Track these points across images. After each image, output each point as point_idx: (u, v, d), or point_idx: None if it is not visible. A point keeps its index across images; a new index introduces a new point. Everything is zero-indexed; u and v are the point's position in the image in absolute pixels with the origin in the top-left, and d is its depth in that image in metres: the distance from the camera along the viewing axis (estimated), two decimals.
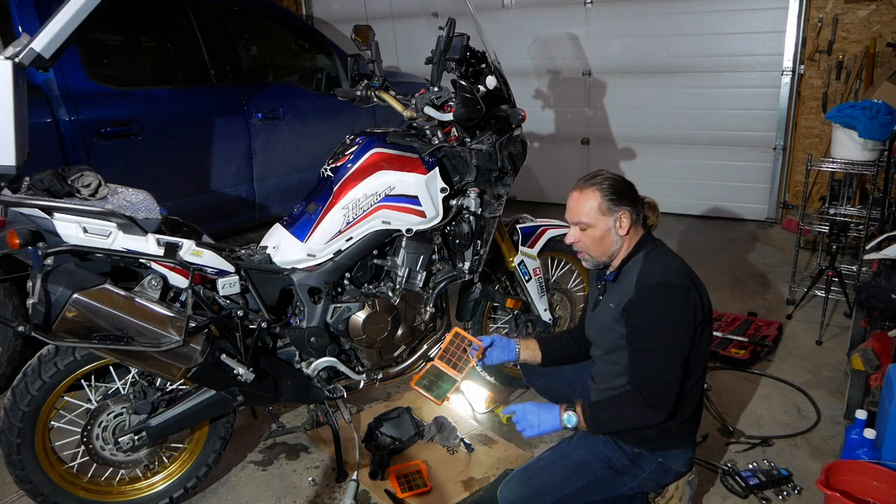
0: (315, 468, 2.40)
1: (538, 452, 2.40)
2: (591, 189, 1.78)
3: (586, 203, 1.78)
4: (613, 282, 1.84)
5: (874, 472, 1.96)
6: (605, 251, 1.82)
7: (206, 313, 1.92)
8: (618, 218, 1.78)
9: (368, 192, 2.14)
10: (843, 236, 3.42)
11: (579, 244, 1.83)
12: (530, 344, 2.11)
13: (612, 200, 1.77)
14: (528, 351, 2.09)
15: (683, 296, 1.70)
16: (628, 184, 1.82)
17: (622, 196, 1.78)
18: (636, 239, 1.83)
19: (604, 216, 1.78)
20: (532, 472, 1.87)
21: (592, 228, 1.79)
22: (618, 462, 1.82)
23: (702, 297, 1.76)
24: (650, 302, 1.71)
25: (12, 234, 1.68)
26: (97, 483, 2.11)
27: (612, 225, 1.78)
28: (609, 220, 1.78)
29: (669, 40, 5.08)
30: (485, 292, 2.60)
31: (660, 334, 1.70)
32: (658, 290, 1.71)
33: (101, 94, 3.11)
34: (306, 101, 4.01)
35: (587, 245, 1.82)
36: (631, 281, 1.76)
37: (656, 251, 1.82)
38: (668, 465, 1.84)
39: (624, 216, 1.78)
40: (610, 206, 1.77)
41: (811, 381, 2.88)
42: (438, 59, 2.17)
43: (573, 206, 1.81)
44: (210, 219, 3.53)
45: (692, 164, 5.26)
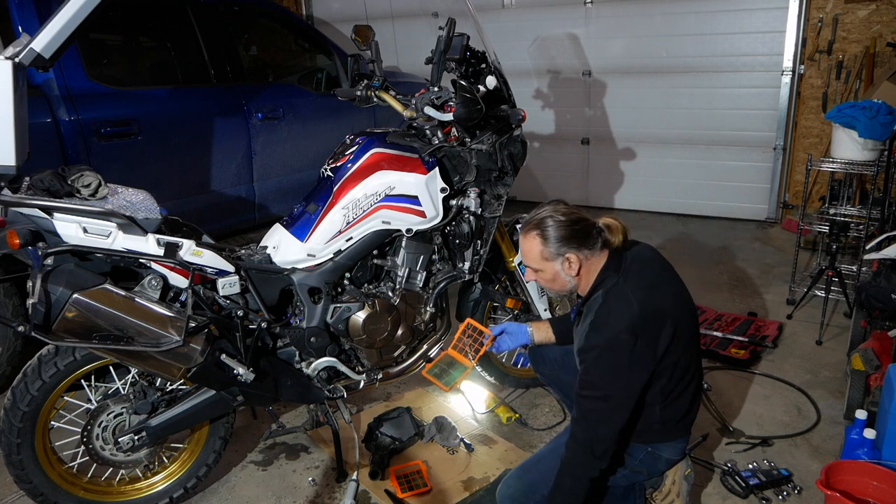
0: (315, 468, 2.40)
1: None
2: (532, 235, 1.76)
3: (530, 249, 1.77)
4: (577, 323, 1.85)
5: (874, 472, 1.96)
6: (560, 288, 1.82)
7: (206, 313, 1.92)
8: (564, 261, 1.75)
9: (368, 192, 2.14)
10: (843, 236, 3.42)
11: (536, 282, 1.87)
12: (542, 326, 2.16)
13: (554, 246, 1.73)
14: (541, 333, 2.15)
15: (628, 352, 1.65)
16: (574, 222, 1.74)
17: (566, 240, 1.73)
18: (597, 270, 1.77)
19: (548, 261, 1.76)
20: (528, 465, 1.89)
21: (542, 272, 1.79)
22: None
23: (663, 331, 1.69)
24: (593, 355, 1.69)
25: (12, 234, 1.68)
26: (97, 483, 2.11)
27: (560, 268, 1.76)
28: (555, 264, 1.76)
29: (669, 40, 5.08)
30: (485, 292, 2.60)
31: (599, 388, 1.68)
32: (602, 346, 1.67)
33: (101, 94, 3.12)
34: (306, 101, 4.02)
35: (543, 284, 1.84)
36: (586, 325, 1.74)
37: (616, 288, 1.73)
38: (658, 453, 1.86)
39: (570, 259, 1.74)
40: (553, 253, 1.74)
41: (811, 381, 2.88)
42: (438, 59, 2.17)
43: (521, 249, 1.83)
44: (210, 219, 3.53)
45: (692, 164, 5.26)
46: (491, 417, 2.66)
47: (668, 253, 4.47)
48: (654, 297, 1.71)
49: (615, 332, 1.66)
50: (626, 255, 1.79)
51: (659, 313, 1.69)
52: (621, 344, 1.65)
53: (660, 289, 1.75)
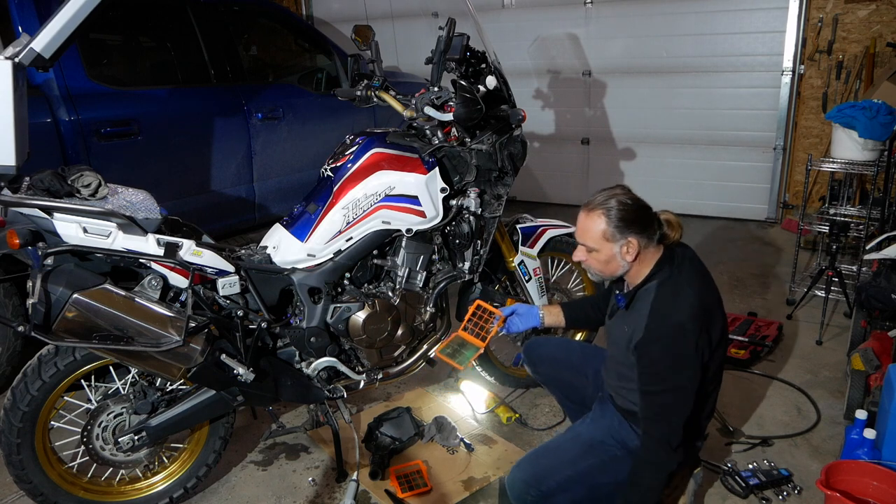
0: (315, 468, 2.40)
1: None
2: (597, 213, 1.73)
3: (592, 227, 1.74)
4: (626, 309, 1.82)
5: (874, 472, 1.96)
6: (611, 272, 1.80)
7: (206, 313, 1.92)
8: (624, 244, 1.73)
9: (368, 192, 2.14)
10: (843, 236, 3.42)
11: (585, 263, 1.82)
12: (553, 310, 2.16)
13: (618, 228, 1.72)
14: (551, 316, 2.14)
15: (694, 341, 1.67)
16: (640, 208, 1.75)
17: (630, 223, 1.72)
18: (651, 263, 1.78)
19: (608, 242, 1.73)
20: (543, 451, 1.87)
21: (597, 252, 1.76)
22: (632, 443, 1.84)
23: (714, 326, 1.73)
24: (659, 346, 1.68)
25: (12, 234, 1.68)
26: (97, 483, 2.11)
27: (618, 251, 1.74)
28: (614, 245, 1.73)
29: (669, 40, 5.08)
30: (485, 292, 2.60)
31: (668, 380, 1.69)
32: (667, 336, 1.68)
33: (101, 94, 3.11)
34: (306, 101, 4.02)
35: (592, 265, 1.81)
36: (643, 313, 1.73)
37: (672, 280, 1.75)
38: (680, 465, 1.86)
39: (631, 244, 1.73)
40: (615, 233, 1.72)
41: (811, 381, 2.88)
42: (438, 59, 2.17)
43: (580, 227, 1.78)
44: (210, 219, 3.53)
45: (692, 164, 5.26)
46: (491, 417, 2.66)
47: None
48: (708, 292, 1.77)
49: (681, 321, 1.67)
50: (678, 251, 1.82)
51: (713, 307, 1.76)
52: (687, 333, 1.66)
53: (709, 285, 1.80)
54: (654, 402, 1.71)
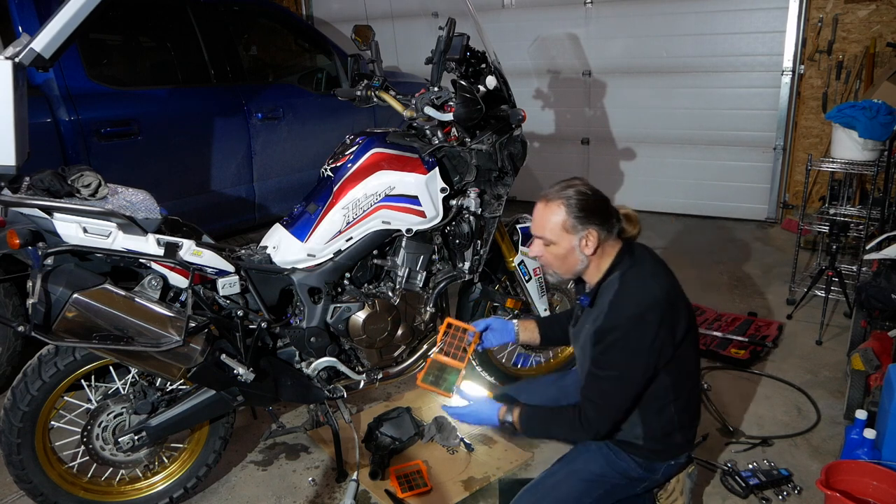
0: (315, 468, 2.40)
1: (537, 453, 2.40)
2: (556, 203, 1.67)
3: (550, 218, 1.67)
4: (590, 307, 1.76)
5: (874, 472, 1.96)
6: (568, 269, 1.73)
7: (206, 313, 1.92)
8: (584, 237, 1.67)
9: (368, 192, 2.14)
10: (843, 236, 3.42)
11: (542, 259, 1.75)
12: (529, 325, 2.09)
13: (578, 218, 1.65)
14: (526, 332, 2.08)
15: (652, 335, 1.63)
16: (600, 199, 1.70)
17: (591, 214, 1.66)
18: (611, 257, 1.73)
19: (568, 234, 1.67)
20: (543, 491, 1.80)
21: (555, 246, 1.69)
22: (633, 472, 1.82)
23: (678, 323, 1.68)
24: (617, 334, 1.63)
25: (12, 234, 1.68)
26: (97, 483, 2.11)
27: (577, 244, 1.68)
28: (574, 238, 1.67)
29: (669, 40, 5.08)
30: (485, 292, 2.60)
31: (617, 367, 1.65)
32: (627, 325, 1.63)
33: (101, 94, 3.12)
34: (306, 101, 4.02)
35: (549, 261, 1.73)
36: (604, 306, 1.68)
37: (633, 271, 1.70)
38: (677, 463, 1.87)
39: (591, 236, 1.67)
40: (575, 224, 1.66)
41: (811, 381, 2.88)
42: (438, 59, 2.17)
43: (537, 218, 1.70)
44: (210, 219, 3.53)
45: (692, 164, 5.26)
46: None
47: (668, 253, 4.49)
48: (672, 286, 1.71)
49: (640, 311, 1.62)
50: (636, 245, 1.78)
51: (678, 301, 1.69)
52: (646, 324, 1.61)
53: (673, 280, 1.74)
54: (596, 386, 1.68)
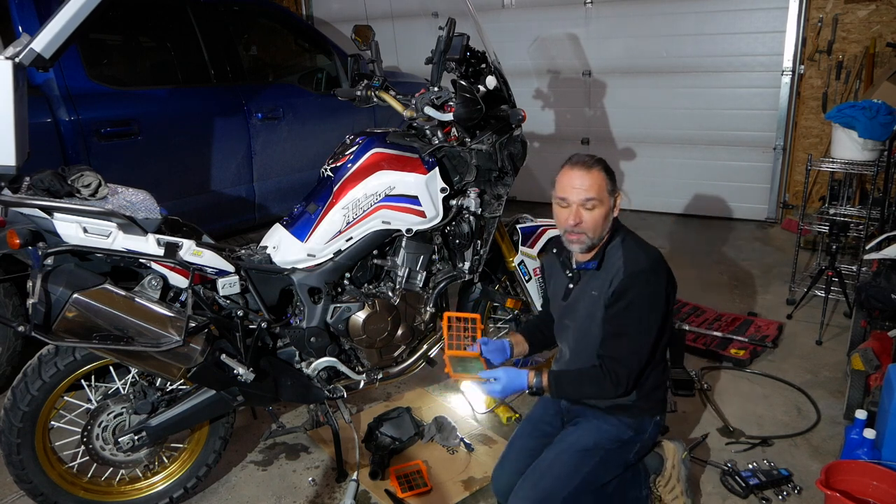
0: (315, 468, 2.40)
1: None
2: (596, 167, 1.78)
3: (596, 179, 1.76)
4: (597, 269, 1.84)
5: (874, 472, 1.97)
6: (601, 232, 1.81)
7: (206, 313, 1.92)
8: (615, 198, 1.81)
9: (368, 192, 2.14)
10: (843, 236, 3.42)
11: (582, 225, 1.78)
12: (517, 339, 2.11)
13: (611, 181, 1.80)
14: (518, 346, 2.10)
15: (664, 284, 1.79)
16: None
17: (614, 177, 1.83)
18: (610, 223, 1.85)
19: (608, 195, 1.79)
20: (539, 473, 1.84)
21: (601, 206, 1.77)
22: (624, 435, 1.88)
23: (671, 276, 1.84)
24: (637, 288, 1.75)
25: (12, 234, 1.68)
26: (97, 483, 2.11)
27: (612, 205, 1.81)
28: (610, 199, 1.80)
29: (669, 40, 5.08)
30: (485, 292, 2.60)
31: (640, 320, 1.76)
32: (645, 278, 1.75)
33: (101, 94, 3.11)
34: (306, 101, 4.02)
35: (590, 225, 1.77)
36: (615, 266, 1.79)
37: (630, 236, 1.86)
38: (659, 422, 1.96)
39: (619, 197, 1.83)
40: (612, 186, 1.80)
41: (811, 381, 2.88)
42: (438, 59, 2.17)
43: (580, 182, 1.76)
44: (210, 219, 3.53)
45: (692, 164, 5.26)
46: (491, 417, 2.66)
47: (668, 253, 4.49)
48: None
49: (652, 266, 1.77)
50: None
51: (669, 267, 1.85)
52: (658, 278, 1.77)
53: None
54: (622, 343, 1.77)
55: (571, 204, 1.78)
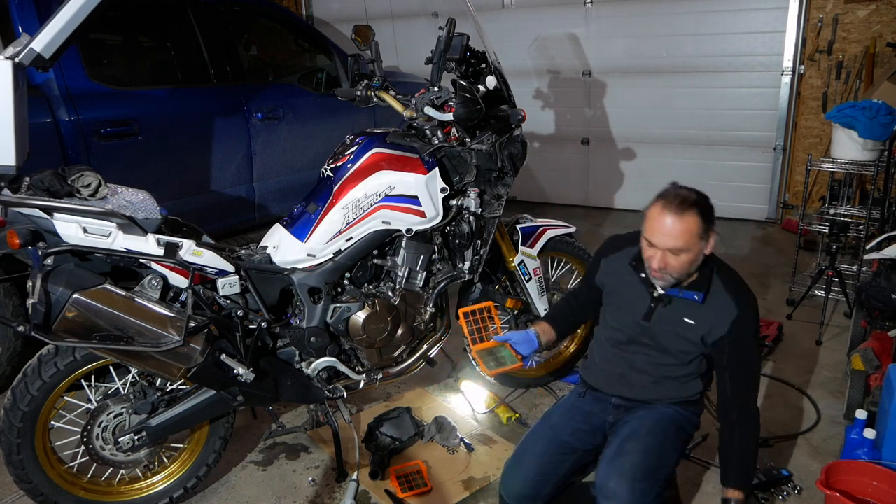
0: (315, 468, 2.40)
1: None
2: (690, 213, 1.65)
3: (686, 228, 1.65)
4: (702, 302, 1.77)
5: (874, 472, 1.96)
6: (689, 271, 1.74)
7: (206, 313, 1.92)
8: (708, 240, 1.71)
9: (368, 192, 2.14)
10: (843, 236, 3.42)
11: (668, 269, 1.71)
12: (544, 327, 2.09)
13: (707, 222, 1.68)
14: (546, 335, 2.08)
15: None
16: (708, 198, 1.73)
17: (712, 216, 1.70)
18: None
19: (700, 240, 1.68)
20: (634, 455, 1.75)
21: (687, 253, 1.68)
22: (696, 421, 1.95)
23: None
24: (753, 322, 1.79)
25: (12, 234, 1.68)
26: (97, 483, 2.11)
27: (703, 247, 1.70)
28: (702, 243, 1.69)
29: (669, 40, 5.08)
30: (485, 292, 2.60)
31: (756, 355, 1.83)
32: (755, 309, 1.79)
33: (101, 94, 3.11)
34: (306, 101, 4.02)
35: (676, 270, 1.71)
36: (723, 299, 1.77)
37: (722, 264, 1.84)
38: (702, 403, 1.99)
39: (713, 237, 1.71)
40: (706, 229, 1.68)
41: (811, 381, 2.88)
42: (438, 59, 2.17)
43: (670, 231, 1.66)
44: (210, 219, 3.53)
45: (692, 164, 5.26)
46: (491, 417, 2.66)
47: None
48: None
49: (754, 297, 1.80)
50: None
51: None
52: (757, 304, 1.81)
53: None
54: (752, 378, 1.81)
55: (658, 248, 1.70)
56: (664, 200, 1.69)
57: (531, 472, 1.84)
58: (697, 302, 1.78)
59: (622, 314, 1.92)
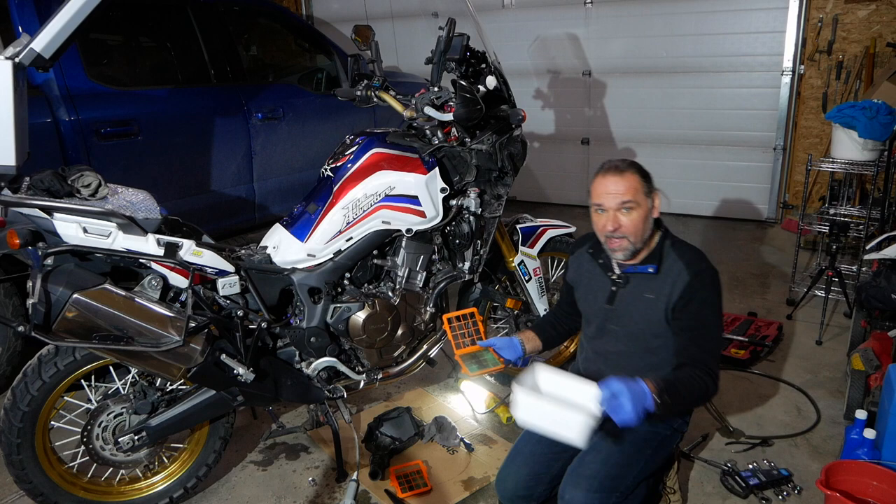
0: (315, 468, 2.40)
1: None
2: (629, 170, 1.76)
3: (629, 184, 1.74)
4: (657, 273, 1.80)
5: (874, 472, 1.96)
6: (643, 235, 1.78)
7: (206, 313, 1.92)
8: (653, 200, 1.78)
9: (368, 192, 2.14)
10: (843, 236, 3.42)
11: (621, 229, 1.75)
12: (528, 335, 2.08)
13: (647, 181, 1.78)
14: (530, 343, 2.06)
15: (719, 282, 1.80)
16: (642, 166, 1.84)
17: (650, 179, 1.80)
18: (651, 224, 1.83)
19: (645, 197, 1.76)
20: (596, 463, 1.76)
21: (638, 209, 1.74)
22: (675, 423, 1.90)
23: None
24: (707, 288, 1.76)
25: (12, 234, 1.68)
26: (97, 483, 2.11)
27: (650, 206, 1.78)
28: (648, 201, 1.77)
29: (669, 40, 5.08)
30: (485, 292, 2.60)
31: (715, 316, 1.77)
32: (710, 276, 1.77)
33: (101, 94, 3.12)
34: (306, 101, 4.02)
35: (629, 229, 1.75)
36: (676, 267, 1.78)
37: (675, 238, 1.86)
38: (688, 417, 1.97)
39: (657, 197, 1.79)
40: (648, 187, 1.77)
41: (811, 381, 2.88)
42: (438, 59, 2.17)
43: (615, 187, 1.74)
44: (210, 219, 3.53)
45: (692, 164, 5.26)
46: (491, 417, 2.66)
47: None
48: None
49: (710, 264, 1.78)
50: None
51: None
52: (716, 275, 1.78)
53: None
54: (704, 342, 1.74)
55: (608, 209, 1.75)
56: (603, 169, 1.79)
57: (523, 473, 1.87)
58: (652, 274, 1.81)
59: (588, 304, 1.97)
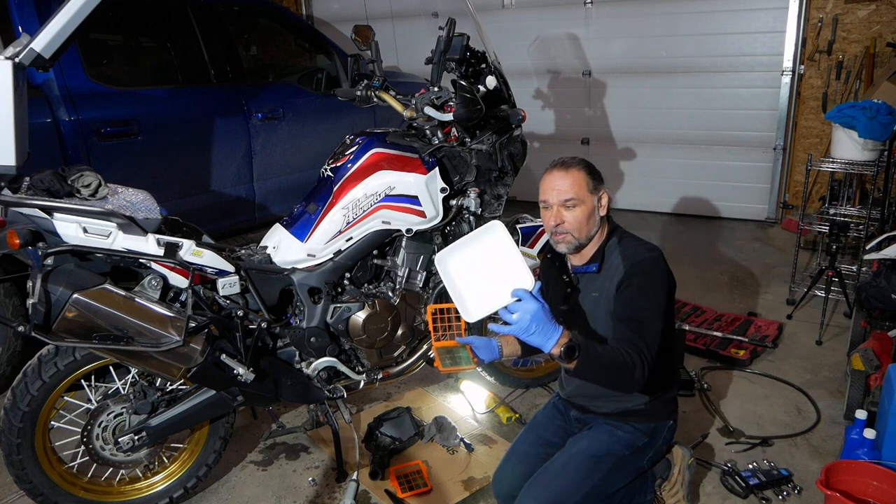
0: (315, 468, 2.40)
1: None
2: (575, 168, 1.78)
3: (573, 180, 1.76)
4: (598, 271, 1.82)
5: (874, 472, 1.96)
6: (588, 231, 1.79)
7: (206, 313, 1.92)
8: (600, 197, 1.80)
9: (368, 192, 2.14)
10: (843, 236, 3.42)
11: (564, 225, 1.77)
12: (508, 339, 2.02)
13: (594, 179, 1.79)
14: (509, 346, 2.02)
15: (666, 274, 1.77)
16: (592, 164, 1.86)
17: (600, 177, 1.82)
18: (606, 223, 1.85)
19: (590, 194, 1.78)
20: (552, 474, 1.80)
21: (581, 206, 1.76)
22: (639, 441, 1.86)
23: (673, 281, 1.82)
24: (641, 275, 1.74)
25: (12, 234, 1.68)
26: (97, 483, 2.11)
27: (596, 204, 1.80)
28: (594, 198, 1.79)
29: (669, 40, 5.08)
30: None
31: (648, 301, 1.72)
32: (647, 265, 1.75)
33: (101, 94, 3.12)
34: (306, 101, 4.02)
35: (573, 225, 1.77)
36: (615, 263, 1.79)
37: (627, 234, 1.86)
38: (674, 426, 1.94)
39: (604, 196, 1.81)
40: (595, 185, 1.79)
41: (811, 381, 2.88)
42: (438, 59, 2.17)
43: (559, 184, 1.77)
44: (210, 219, 3.53)
45: (692, 164, 5.26)
46: (491, 417, 2.66)
47: (668, 253, 4.48)
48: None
49: (652, 254, 1.77)
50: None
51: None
52: (659, 263, 1.76)
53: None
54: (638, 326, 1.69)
55: (552, 205, 1.79)
56: (550, 166, 1.82)
57: (518, 472, 1.88)
58: (595, 272, 1.83)
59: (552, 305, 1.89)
